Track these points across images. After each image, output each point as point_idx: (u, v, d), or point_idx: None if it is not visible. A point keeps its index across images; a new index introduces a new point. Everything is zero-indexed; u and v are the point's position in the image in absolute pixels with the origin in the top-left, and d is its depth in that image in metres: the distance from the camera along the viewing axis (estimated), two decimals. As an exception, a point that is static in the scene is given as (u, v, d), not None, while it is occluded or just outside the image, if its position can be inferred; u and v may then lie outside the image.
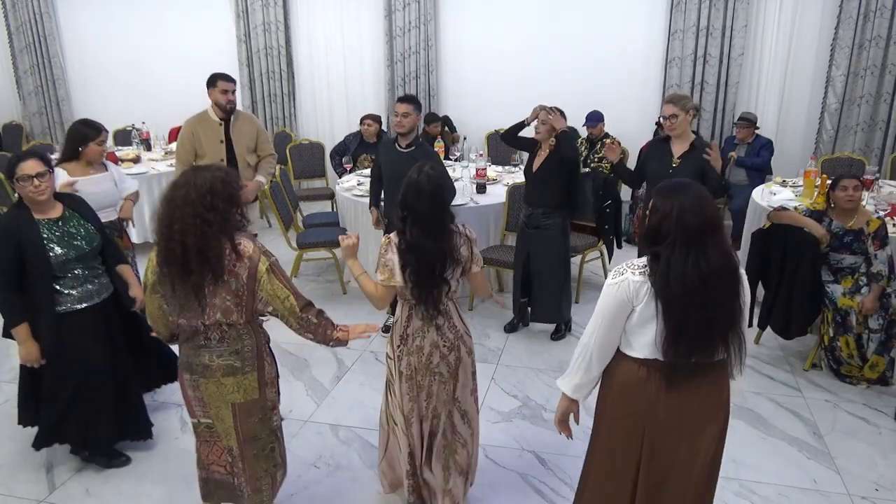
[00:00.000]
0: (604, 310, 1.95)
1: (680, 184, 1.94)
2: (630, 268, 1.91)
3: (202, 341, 2.24)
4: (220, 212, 2.11)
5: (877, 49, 5.92)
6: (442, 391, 2.54)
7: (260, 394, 2.33)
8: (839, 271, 3.77)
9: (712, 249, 1.83)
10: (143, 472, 3.06)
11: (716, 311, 1.85)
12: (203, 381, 2.27)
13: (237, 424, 2.32)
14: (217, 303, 2.17)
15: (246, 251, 2.16)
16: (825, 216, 3.74)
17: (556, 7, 6.69)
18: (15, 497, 2.93)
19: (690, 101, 3.58)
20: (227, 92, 4.25)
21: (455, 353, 2.53)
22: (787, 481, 2.98)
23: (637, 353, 1.97)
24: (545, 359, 4.11)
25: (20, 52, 8.19)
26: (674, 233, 1.82)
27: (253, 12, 7.40)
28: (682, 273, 1.80)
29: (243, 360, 2.26)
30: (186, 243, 2.07)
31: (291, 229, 5.30)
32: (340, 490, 2.97)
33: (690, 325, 1.84)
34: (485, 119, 7.12)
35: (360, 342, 4.30)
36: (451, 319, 2.52)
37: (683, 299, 1.81)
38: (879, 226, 3.65)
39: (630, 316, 1.93)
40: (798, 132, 6.48)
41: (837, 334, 3.71)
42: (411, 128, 4.05)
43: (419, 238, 2.34)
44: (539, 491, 2.95)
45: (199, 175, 2.14)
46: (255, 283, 2.18)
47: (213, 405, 2.32)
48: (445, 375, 2.53)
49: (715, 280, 1.82)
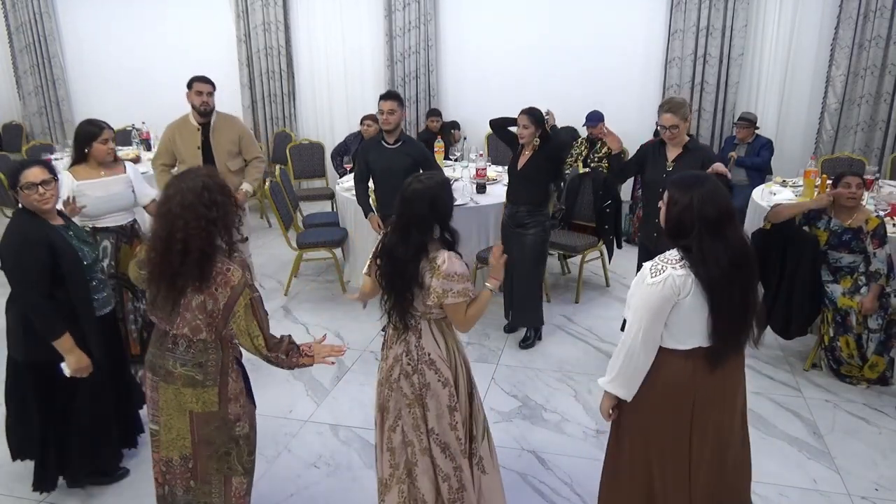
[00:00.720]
0: (649, 307, 1.98)
1: (695, 176, 2.06)
2: (668, 263, 1.97)
3: (169, 345, 2.20)
4: (221, 205, 2.10)
5: (877, 49, 5.92)
6: (408, 414, 2.33)
7: (220, 407, 2.26)
8: (838, 270, 3.78)
9: (732, 235, 1.95)
10: (143, 474, 3.05)
11: (749, 294, 2.00)
12: (163, 386, 2.23)
13: (193, 429, 2.26)
14: (188, 317, 2.13)
15: (231, 280, 2.10)
16: (824, 214, 3.74)
17: (557, 7, 6.68)
18: (15, 497, 2.93)
19: (688, 108, 3.53)
20: (201, 94, 4.09)
21: (419, 378, 2.30)
22: (787, 481, 2.98)
23: (683, 346, 2.02)
24: (545, 359, 4.11)
25: (20, 52, 8.19)
26: (696, 223, 1.93)
27: (253, 12, 7.40)
28: (715, 260, 1.91)
29: (206, 373, 2.21)
30: (190, 248, 2.03)
31: (291, 229, 5.30)
32: (340, 490, 2.97)
33: (735, 305, 1.95)
34: (485, 119, 7.04)
35: (360, 342, 4.33)
36: (421, 340, 2.30)
37: (723, 282, 1.92)
38: (878, 224, 3.65)
39: (673, 310, 1.98)
40: (798, 132, 6.48)
41: (837, 334, 3.71)
42: (397, 124, 4.07)
43: (393, 241, 2.26)
44: (539, 491, 2.95)
45: (186, 179, 2.10)
46: (230, 313, 2.12)
47: (164, 412, 2.26)
48: (409, 397, 2.31)
49: (743, 264, 1.95)
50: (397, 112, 4.05)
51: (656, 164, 3.58)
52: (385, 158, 4.13)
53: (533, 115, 3.91)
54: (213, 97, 4.16)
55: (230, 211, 2.13)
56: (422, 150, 4.25)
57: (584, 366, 4.00)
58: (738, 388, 2.17)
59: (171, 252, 2.04)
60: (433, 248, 2.25)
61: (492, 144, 7.02)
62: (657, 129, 3.58)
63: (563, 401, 3.64)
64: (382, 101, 4.07)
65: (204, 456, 2.31)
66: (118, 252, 3.39)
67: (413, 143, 4.27)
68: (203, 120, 4.17)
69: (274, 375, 3.91)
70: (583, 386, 3.77)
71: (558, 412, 3.53)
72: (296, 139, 7.31)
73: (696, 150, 3.50)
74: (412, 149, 4.16)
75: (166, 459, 2.32)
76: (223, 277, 2.09)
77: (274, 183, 5.12)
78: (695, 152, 3.47)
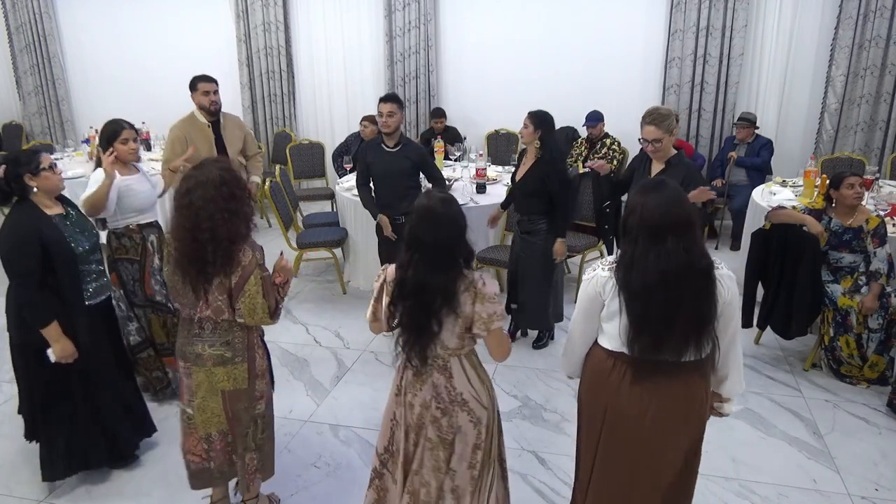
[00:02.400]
0: (580, 302, 2.06)
1: (657, 182, 1.97)
2: (602, 264, 2.01)
3: (196, 330, 2.34)
4: (239, 199, 2.22)
5: (877, 49, 5.92)
6: (429, 459, 2.19)
7: (249, 384, 2.42)
8: (838, 270, 3.78)
9: (675, 247, 1.83)
10: (143, 472, 3.06)
11: (677, 310, 1.85)
12: (195, 370, 2.37)
13: (226, 407, 2.42)
14: (210, 300, 2.26)
15: (242, 260, 2.23)
16: (825, 214, 3.74)
17: (557, 7, 6.69)
18: (15, 497, 2.93)
19: (674, 119, 3.22)
20: (209, 93, 4.13)
21: (449, 420, 2.14)
22: (787, 481, 2.98)
23: (607, 344, 2.05)
24: (545, 359, 4.11)
25: (20, 52, 8.19)
26: (636, 228, 1.88)
27: (253, 12, 7.40)
28: (642, 268, 1.85)
29: (234, 350, 2.36)
30: (218, 237, 2.16)
31: (291, 229, 5.30)
32: (340, 490, 2.97)
33: (650, 320, 1.87)
34: (485, 119, 7.13)
35: (360, 342, 4.33)
36: (452, 380, 2.13)
37: (644, 294, 1.86)
38: (879, 223, 3.65)
39: (605, 308, 2.01)
40: (798, 132, 6.48)
41: (838, 334, 3.71)
42: (396, 126, 4.05)
43: (422, 273, 2.01)
44: (539, 491, 2.95)
45: (203, 172, 2.21)
46: (240, 292, 2.24)
47: (199, 394, 2.40)
48: (434, 440, 2.17)
49: (676, 278, 1.83)
50: (397, 115, 4.03)
51: (641, 177, 3.35)
52: (384, 161, 4.12)
53: (537, 116, 3.79)
54: (219, 94, 4.21)
55: (247, 201, 2.26)
56: (421, 154, 4.24)
57: (584, 366, 4.00)
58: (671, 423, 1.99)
59: (198, 242, 2.17)
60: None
61: (491, 144, 7.03)
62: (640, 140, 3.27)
63: (563, 401, 3.64)
64: (382, 104, 4.04)
65: (235, 431, 2.48)
66: (162, 245, 3.45)
67: (412, 146, 4.25)
68: (213, 119, 4.21)
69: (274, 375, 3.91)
70: (583, 386, 3.77)
71: (558, 412, 3.53)
72: (296, 139, 7.31)
73: (678, 166, 3.20)
74: (411, 152, 4.15)
75: (206, 436, 2.47)
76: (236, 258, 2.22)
77: (274, 183, 5.12)
78: (676, 168, 3.18)
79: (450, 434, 2.16)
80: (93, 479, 3.01)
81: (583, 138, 6.12)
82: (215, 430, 2.47)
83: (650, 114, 3.20)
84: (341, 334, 4.47)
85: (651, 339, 1.89)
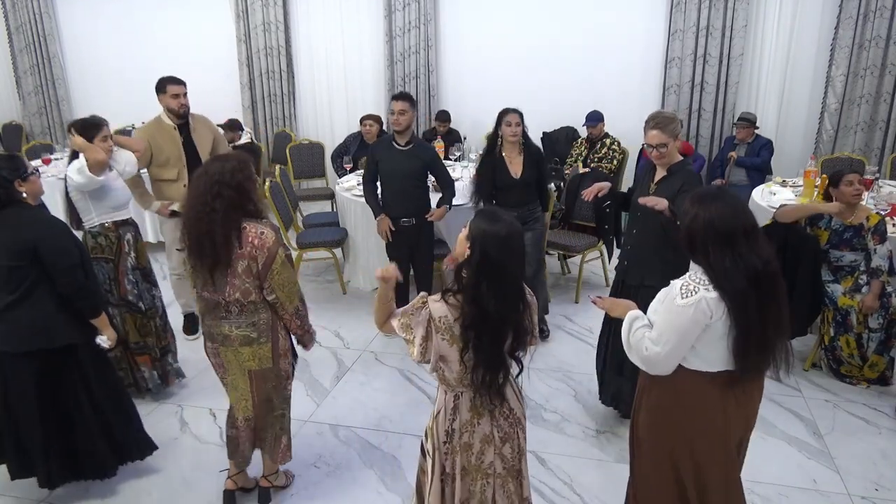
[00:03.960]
0: (677, 329, 1.89)
1: (709, 192, 1.95)
2: (700, 284, 1.88)
3: (223, 313, 2.47)
4: (226, 199, 2.32)
5: (877, 49, 5.92)
6: (502, 498, 2.06)
7: (274, 363, 2.56)
8: (839, 270, 3.77)
9: (748, 252, 1.84)
10: (143, 472, 3.05)
11: (767, 312, 1.86)
12: (223, 349, 2.53)
13: (253, 389, 2.57)
14: (237, 283, 2.41)
15: (266, 242, 2.38)
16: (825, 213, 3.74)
17: (557, 7, 6.69)
18: (15, 497, 2.93)
19: (678, 123, 3.03)
20: (178, 96, 4.05)
21: (510, 445, 2.05)
22: (787, 481, 2.98)
23: (711, 368, 1.95)
24: (545, 359, 4.11)
25: (20, 52, 8.19)
26: (711, 240, 1.85)
27: (253, 12, 7.40)
28: (732, 276, 1.82)
29: (259, 331, 2.48)
30: (199, 231, 2.33)
31: (291, 229, 5.30)
32: (340, 490, 2.97)
33: (753, 324, 1.85)
34: (485, 119, 7.09)
35: (360, 342, 4.33)
36: (507, 403, 2.03)
37: (741, 301, 1.83)
38: (879, 221, 3.65)
39: (704, 332, 1.90)
40: (798, 132, 6.48)
41: (838, 334, 3.71)
42: (408, 125, 4.04)
43: (500, 306, 1.85)
44: (539, 491, 2.95)
45: (215, 164, 2.40)
46: (268, 271, 2.39)
47: (230, 372, 2.57)
48: (502, 473, 2.05)
49: (759, 281, 1.84)
50: (408, 113, 4.01)
51: (642, 185, 3.20)
52: (394, 160, 4.08)
53: (520, 112, 3.97)
54: (187, 97, 4.10)
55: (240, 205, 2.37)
56: (433, 154, 4.18)
57: (584, 366, 3.99)
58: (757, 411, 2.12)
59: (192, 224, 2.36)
60: None
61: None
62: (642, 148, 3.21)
63: (563, 401, 3.64)
64: (394, 101, 4.04)
65: (263, 416, 2.64)
66: (137, 244, 3.47)
67: (424, 146, 4.21)
68: (180, 121, 4.10)
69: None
70: (583, 386, 3.77)
71: (558, 412, 3.53)
72: (296, 139, 7.31)
73: (679, 173, 2.99)
74: (423, 152, 4.12)
75: (235, 417, 2.64)
76: (259, 241, 2.37)
77: (274, 183, 5.12)
78: (676, 175, 2.98)
79: (516, 460, 2.08)
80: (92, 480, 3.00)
81: (583, 138, 6.11)
82: (241, 416, 2.62)
83: (653, 118, 3.01)
84: (341, 334, 4.47)
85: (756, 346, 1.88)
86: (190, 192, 2.43)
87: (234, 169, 2.37)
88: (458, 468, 2.04)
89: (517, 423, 2.07)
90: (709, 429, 2.00)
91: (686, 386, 1.98)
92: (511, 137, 3.95)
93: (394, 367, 4.04)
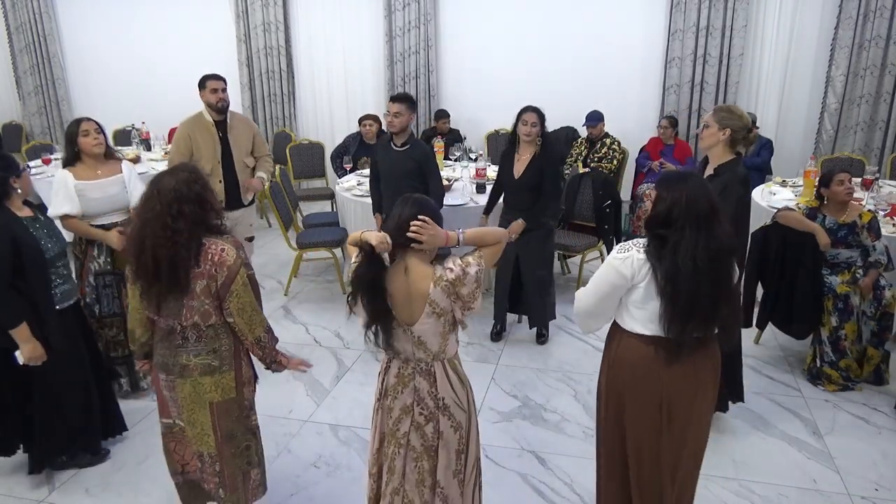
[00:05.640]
0: (604, 278, 2.12)
1: (682, 174, 2.15)
2: (635, 246, 2.07)
3: (179, 341, 2.23)
4: (188, 216, 2.11)
5: (877, 49, 5.92)
6: (412, 471, 2.13)
7: (237, 392, 2.32)
8: (835, 266, 3.77)
9: (719, 230, 1.99)
10: (142, 472, 3.06)
11: (721, 287, 2.02)
12: (180, 382, 2.26)
13: (216, 422, 2.31)
14: (195, 305, 2.17)
15: (226, 260, 2.14)
16: (819, 213, 3.75)
17: (557, 7, 6.69)
18: (15, 497, 2.93)
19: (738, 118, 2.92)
20: (216, 91, 4.13)
21: (434, 427, 2.11)
22: (787, 481, 2.98)
23: (642, 330, 2.10)
24: (545, 359, 4.11)
25: (20, 52, 8.19)
26: (684, 217, 1.97)
27: (253, 12, 7.40)
28: (693, 254, 1.95)
29: (220, 358, 2.26)
30: (158, 256, 2.08)
31: (291, 229, 5.30)
32: (340, 490, 2.97)
33: (700, 301, 1.98)
34: (485, 119, 7.13)
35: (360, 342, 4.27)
36: (436, 385, 2.10)
37: (695, 278, 1.95)
38: (871, 217, 3.69)
39: (630, 292, 2.08)
40: (798, 132, 6.48)
41: (842, 321, 3.68)
42: (403, 127, 4.04)
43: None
44: (539, 491, 2.95)
45: (164, 181, 2.14)
46: (227, 292, 2.16)
47: (186, 408, 2.30)
48: (418, 450, 2.12)
49: (722, 258, 1.99)
50: (403, 115, 4.01)
51: None
52: (390, 160, 4.11)
53: (540, 113, 3.89)
54: (227, 93, 4.21)
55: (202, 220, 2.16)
56: (425, 154, 4.17)
57: (584, 366, 4.00)
58: (701, 391, 2.15)
59: (143, 256, 2.11)
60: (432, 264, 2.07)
61: (491, 144, 7.03)
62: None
63: (563, 401, 3.64)
64: (390, 103, 4.07)
65: (228, 455, 2.36)
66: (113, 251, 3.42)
67: (419, 146, 4.22)
68: (220, 117, 4.19)
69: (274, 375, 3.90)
70: (583, 386, 3.77)
71: (558, 412, 3.53)
72: (296, 139, 7.31)
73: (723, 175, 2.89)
74: (416, 152, 4.12)
75: (198, 454, 2.38)
76: (219, 258, 2.14)
77: (274, 183, 5.12)
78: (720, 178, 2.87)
79: (434, 441, 2.12)
80: (92, 479, 3.01)
81: (583, 138, 6.11)
82: (206, 451, 2.36)
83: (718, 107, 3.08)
84: (341, 334, 4.47)
85: (699, 319, 2.01)
86: (142, 215, 2.14)
87: (189, 180, 2.15)
88: (383, 428, 2.18)
89: (444, 408, 2.11)
90: (640, 389, 2.13)
91: (622, 347, 2.16)
92: (525, 137, 3.94)
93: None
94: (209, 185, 2.24)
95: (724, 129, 2.90)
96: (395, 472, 2.15)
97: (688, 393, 2.12)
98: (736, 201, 2.85)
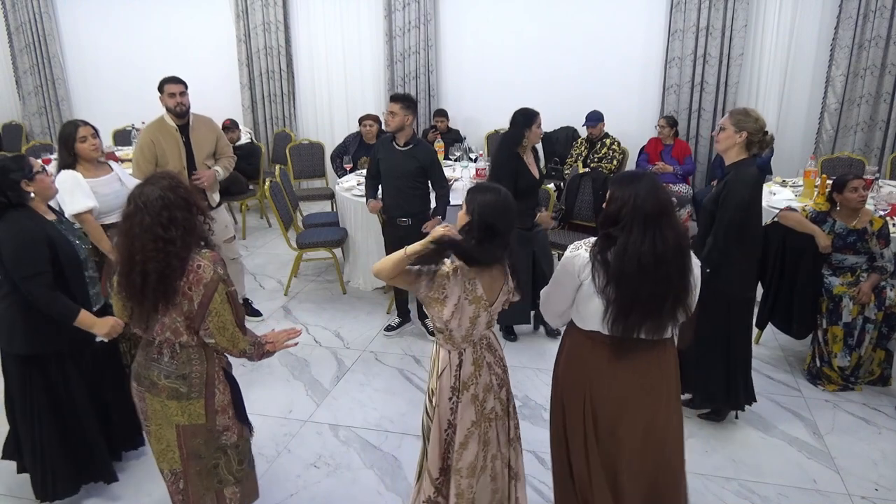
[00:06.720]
0: (558, 274, 2.17)
1: (635, 174, 2.12)
2: (585, 245, 2.10)
3: (154, 355, 2.17)
4: (181, 223, 2.03)
5: (877, 49, 5.92)
6: (503, 432, 2.34)
7: (207, 419, 2.21)
8: (839, 269, 3.77)
9: (668, 230, 1.98)
10: (143, 472, 3.06)
11: (667, 287, 2.00)
12: (149, 397, 2.19)
13: (181, 443, 2.21)
14: (167, 322, 2.09)
15: (203, 278, 2.04)
16: (829, 217, 3.73)
17: (556, 7, 6.68)
18: (15, 497, 2.93)
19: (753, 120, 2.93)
20: (174, 95, 4.03)
21: (506, 388, 2.35)
22: (786, 481, 2.98)
23: (583, 325, 2.15)
24: (545, 359, 4.11)
25: (20, 52, 8.19)
26: (630, 217, 1.98)
27: (253, 12, 7.39)
28: (637, 253, 1.95)
29: (190, 386, 2.16)
30: (148, 270, 2.00)
31: (291, 229, 5.30)
32: (340, 490, 2.97)
33: (640, 301, 1.99)
34: (485, 119, 7.13)
35: (360, 342, 4.33)
36: (497, 351, 2.34)
37: (638, 277, 1.96)
38: (883, 224, 3.66)
39: (579, 290, 2.10)
40: (798, 132, 6.48)
41: (830, 323, 3.69)
42: (399, 127, 4.03)
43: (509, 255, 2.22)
44: (539, 491, 2.95)
45: (147, 192, 2.04)
46: (205, 311, 2.06)
47: (153, 422, 2.22)
48: (500, 414, 2.33)
49: (669, 258, 1.97)
50: (399, 115, 4.00)
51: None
52: (392, 159, 4.10)
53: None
54: (186, 96, 4.08)
55: (192, 227, 2.08)
56: (430, 156, 4.16)
57: (584, 366, 4.00)
58: (650, 398, 2.13)
59: (132, 271, 2.02)
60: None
61: (491, 144, 7.02)
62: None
63: (563, 401, 3.64)
64: (389, 102, 4.10)
65: (193, 472, 2.26)
66: None
67: (423, 147, 4.21)
68: (181, 121, 4.10)
69: (274, 375, 3.92)
70: (583, 386, 3.77)
71: (558, 412, 3.53)
72: (296, 139, 7.31)
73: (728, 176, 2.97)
74: (420, 153, 4.11)
75: (161, 470, 2.30)
76: (195, 275, 2.04)
77: (274, 183, 5.12)
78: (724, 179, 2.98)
79: (508, 400, 2.35)
80: (93, 480, 3.01)
81: (582, 138, 6.11)
82: (167, 469, 2.26)
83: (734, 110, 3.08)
84: (341, 334, 4.47)
85: (640, 318, 2.01)
86: (129, 230, 2.04)
87: (172, 186, 2.06)
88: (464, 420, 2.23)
89: (505, 369, 2.34)
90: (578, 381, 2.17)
91: (568, 340, 2.24)
92: (536, 140, 4.04)
93: (394, 367, 4.04)
94: (190, 187, 2.18)
95: (741, 132, 2.91)
96: (491, 442, 2.30)
97: (635, 395, 2.11)
98: (736, 205, 2.86)
